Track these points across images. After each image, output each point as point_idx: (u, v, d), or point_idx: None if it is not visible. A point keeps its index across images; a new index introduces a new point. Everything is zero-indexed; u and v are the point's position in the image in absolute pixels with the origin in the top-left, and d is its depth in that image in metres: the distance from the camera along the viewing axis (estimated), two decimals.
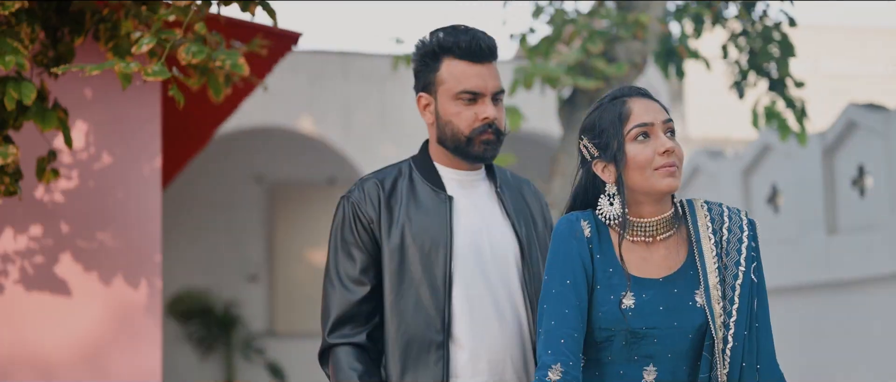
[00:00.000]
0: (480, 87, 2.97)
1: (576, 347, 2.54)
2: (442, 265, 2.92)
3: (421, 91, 3.06)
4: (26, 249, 6.01)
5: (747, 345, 2.59)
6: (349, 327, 2.92)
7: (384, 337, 2.94)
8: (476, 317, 2.93)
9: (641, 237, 2.63)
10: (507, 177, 3.17)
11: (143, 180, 6.27)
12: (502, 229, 3.03)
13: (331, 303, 2.95)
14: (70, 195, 6.10)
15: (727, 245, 2.63)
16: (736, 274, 2.61)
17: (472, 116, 2.98)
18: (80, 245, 6.09)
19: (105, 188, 6.16)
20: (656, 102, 2.66)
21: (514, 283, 3.00)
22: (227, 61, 4.15)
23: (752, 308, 2.62)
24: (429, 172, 3.05)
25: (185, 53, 4.10)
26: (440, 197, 3.00)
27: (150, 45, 4.01)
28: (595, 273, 2.60)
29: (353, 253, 2.96)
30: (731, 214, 2.69)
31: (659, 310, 2.57)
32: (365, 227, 2.97)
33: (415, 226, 2.95)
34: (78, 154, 6.16)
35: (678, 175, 2.58)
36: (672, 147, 2.57)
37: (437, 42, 2.99)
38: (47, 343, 5.98)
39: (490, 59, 3.00)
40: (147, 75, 3.97)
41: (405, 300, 2.92)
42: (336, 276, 2.97)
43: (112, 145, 6.23)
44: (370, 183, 3.04)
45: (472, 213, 3.02)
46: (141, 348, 6.17)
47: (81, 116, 6.17)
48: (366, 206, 2.99)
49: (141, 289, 6.16)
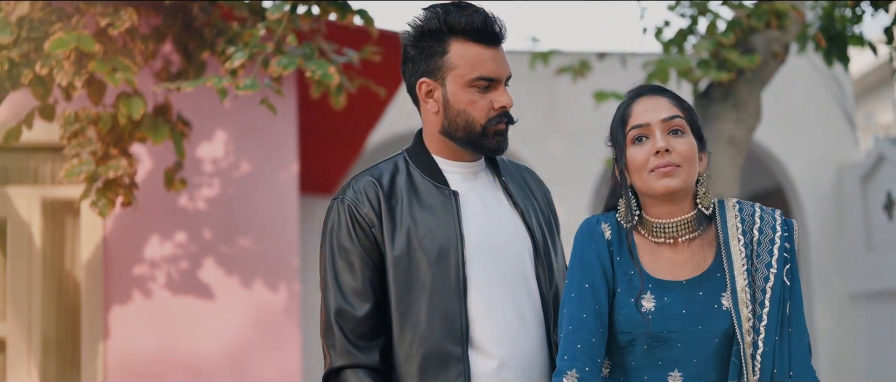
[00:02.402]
0: (496, 72, 2.65)
1: (593, 352, 2.45)
2: (455, 268, 2.60)
3: (422, 76, 2.69)
4: (172, 255, 6.26)
5: (779, 351, 2.43)
6: (356, 346, 2.61)
7: (393, 355, 2.63)
8: (498, 323, 2.63)
9: (662, 239, 2.52)
10: (508, 165, 2.86)
11: (280, 186, 6.44)
12: (512, 223, 2.72)
13: (332, 320, 2.63)
14: (212, 203, 6.32)
15: (758, 247, 2.48)
16: (766, 276, 2.45)
17: (487, 105, 2.65)
18: (221, 251, 6.31)
19: (244, 195, 6.36)
20: (667, 98, 2.54)
21: (532, 280, 2.70)
22: (318, 71, 4.19)
23: (784, 313, 2.46)
24: (428, 166, 2.71)
25: (276, 66, 4.17)
26: (444, 193, 2.67)
27: (241, 60, 4.10)
28: (615, 276, 2.51)
29: (354, 262, 2.63)
30: (763, 214, 2.53)
31: (681, 313, 2.45)
32: (365, 231, 2.64)
33: (421, 228, 2.63)
34: (218, 163, 6.38)
35: (676, 175, 2.46)
36: (664, 147, 2.45)
37: (445, 21, 2.65)
38: (193, 345, 6.22)
39: (502, 41, 2.68)
40: (238, 89, 4.06)
41: (416, 311, 2.60)
42: (337, 289, 2.64)
43: (251, 153, 6.42)
44: (365, 182, 2.69)
45: (480, 207, 2.70)
46: (281, 350, 6.34)
47: (221, 126, 6.38)
48: (364, 207, 2.65)
49: (280, 293, 6.32)
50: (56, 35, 4.44)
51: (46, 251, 6.28)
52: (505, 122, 2.69)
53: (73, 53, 4.47)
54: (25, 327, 6.16)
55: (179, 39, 5.37)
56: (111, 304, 6.18)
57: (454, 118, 2.67)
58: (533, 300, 2.70)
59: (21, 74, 4.58)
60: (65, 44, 4.37)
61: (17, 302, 6.17)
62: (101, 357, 6.12)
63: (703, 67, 5.87)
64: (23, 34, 4.56)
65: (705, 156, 2.56)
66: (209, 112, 6.25)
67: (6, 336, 6.17)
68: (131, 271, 6.22)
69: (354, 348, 2.62)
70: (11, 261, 6.20)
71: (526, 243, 2.73)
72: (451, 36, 2.65)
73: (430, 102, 2.70)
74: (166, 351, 6.21)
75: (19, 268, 6.19)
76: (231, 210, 6.34)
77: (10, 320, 6.17)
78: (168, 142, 6.06)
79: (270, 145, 6.46)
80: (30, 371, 6.14)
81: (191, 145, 6.28)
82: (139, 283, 6.23)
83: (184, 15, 5.33)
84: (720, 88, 6.06)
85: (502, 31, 2.68)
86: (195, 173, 6.33)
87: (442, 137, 2.72)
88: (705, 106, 6.16)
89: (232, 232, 6.33)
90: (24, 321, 6.16)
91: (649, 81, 6.05)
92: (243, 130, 6.42)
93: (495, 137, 2.68)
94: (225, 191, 6.35)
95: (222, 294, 6.28)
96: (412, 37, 2.70)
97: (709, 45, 5.89)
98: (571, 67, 6.63)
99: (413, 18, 2.71)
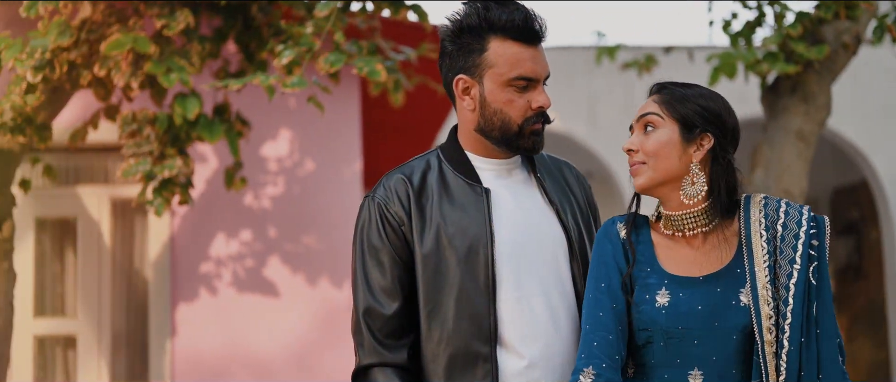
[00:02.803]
0: (536, 72, 2.59)
1: (611, 349, 2.42)
2: (484, 266, 2.57)
3: (460, 73, 2.64)
4: (238, 253, 6.32)
5: (806, 353, 2.35)
6: (384, 345, 2.59)
7: (422, 353, 2.61)
8: (527, 322, 2.58)
9: (672, 231, 2.50)
10: (545, 160, 2.79)
11: (344, 183, 6.46)
12: (546, 220, 2.67)
13: (361, 318, 2.61)
14: (277, 201, 6.37)
15: (781, 243, 2.41)
16: (790, 273, 2.38)
17: (524, 105, 2.60)
18: (286, 249, 6.35)
19: (309, 193, 6.40)
20: (656, 95, 2.52)
21: (566, 278, 2.64)
22: (365, 68, 4.19)
23: (811, 312, 2.38)
24: (461, 163, 2.67)
25: (324, 63, 4.18)
26: (476, 191, 2.63)
27: (289, 58, 4.11)
28: (632, 275, 2.48)
29: (383, 260, 2.61)
30: (789, 210, 2.45)
31: (696, 310, 2.40)
32: (394, 229, 2.61)
33: (450, 226, 2.59)
34: (283, 161, 6.42)
35: (640, 173, 2.48)
36: (626, 147, 2.49)
37: (485, 17, 2.59)
38: (258, 342, 6.27)
39: (542, 40, 2.62)
40: (285, 87, 4.08)
41: (444, 310, 2.57)
42: (366, 287, 2.62)
43: (314, 151, 6.46)
44: (396, 179, 2.66)
45: (512, 205, 2.66)
46: (345, 347, 6.32)
47: (285, 125, 6.43)
48: (393, 205, 2.62)
49: (345, 290, 6.34)
50: (113, 37, 4.50)
51: (115, 249, 6.39)
52: (541, 122, 2.64)
53: (130, 55, 4.53)
54: (95, 324, 6.27)
55: (241, 39, 5.42)
56: (178, 302, 6.26)
57: (490, 117, 2.63)
58: (566, 298, 2.65)
59: (80, 76, 4.66)
60: (121, 45, 4.43)
61: (88, 300, 6.29)
62: (169, 355, 6.20)
63: (769, 59, 5.73)
64: (82, 36, 4.63)
65: (700, 143, 2.47)
66: (273, 111, 6.29)
67: (77, 333, 6.29)
68: (198, 269, 6.29)
69: (382, 346, 2.60)
70: (82, 260, 6.32)
71: (560, 240, 2.68)
72: (491, 33, 2.60)
73: (467, 100, 2.65)
74: (232, 349, 6.28)
75: (89, 267, 6.31)
76: (296, 208, 6.38)
77: (80, 317, 6.29)
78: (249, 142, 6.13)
79: (334, 143, 6.49)
80: (100, 367, 6.25)
81: (255, 144, 6.34)
82: (205, 281, 6.30)
83: (244, 15, 5.37)
84: (788, 80, 5.92)
85: (543, 29, 2.63)
86: (260, 172, 6.38)
87: (477, 134, 2.68)
88: (773, 100, 6.02)
89: (297, 230, 6.37)
90: (94, 318, 6.27)
91: (714, 76, 5.94)
92: (307, 128, 6.45)
93: (531, 137, 2.64)
94: (289, 189, 6.39)
95: (287, 292, 6.32)
96: (450, 32, 2.65)
97: (776, 37, 5.75)
98: (637, 62, 6.54)
99: (452, 13, 2.67)
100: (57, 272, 6.39)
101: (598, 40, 6.96)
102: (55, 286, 6.38)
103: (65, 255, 6.41)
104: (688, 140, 2.46)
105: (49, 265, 6.39)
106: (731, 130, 2.50)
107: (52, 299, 6.38)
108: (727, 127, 2.49)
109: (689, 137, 2.46)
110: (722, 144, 2.47)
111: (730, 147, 2.50)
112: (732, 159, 2.50)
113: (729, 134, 2.49)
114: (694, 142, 2.47)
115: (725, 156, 2.47)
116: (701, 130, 2.46)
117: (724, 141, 2.48)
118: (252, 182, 6.28)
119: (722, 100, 2.52)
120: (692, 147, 2.46)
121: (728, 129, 2.49)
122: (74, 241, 6.36)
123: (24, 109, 4.73)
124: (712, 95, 2.51)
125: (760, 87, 6.07)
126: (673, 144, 2.46)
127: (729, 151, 2.49)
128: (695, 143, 2.47)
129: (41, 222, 6.35)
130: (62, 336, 6.31)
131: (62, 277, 6.40)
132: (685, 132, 2.46)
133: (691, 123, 2.46)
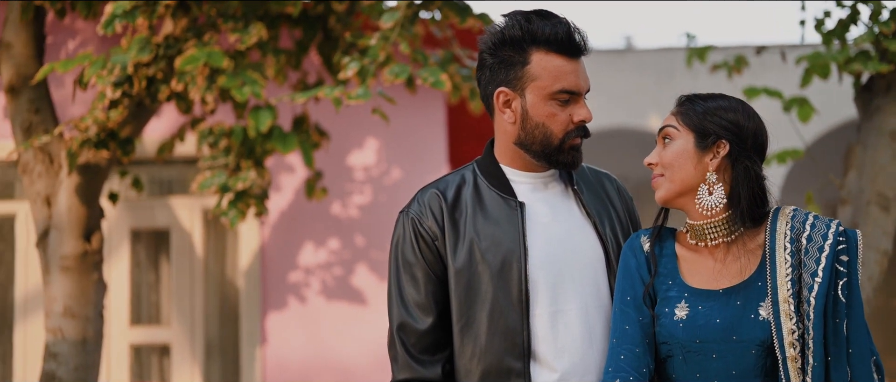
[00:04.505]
0: (578, 86, 2.58)
1: (637, 362, 2.40)
2: (517, 281, 2.54)
3: (501, 86, 2.60)
4: (326, 262, 6.39)
5: (836, 372, 2.27)
6: (419, 360, 2.58)
7: (455, 369, 2.59)
8: (561, 336, 2.55)
9: (695, 241, 2.47)
10: (585, 172, 2.76)
11: None
12: (584, 233, 2.63)
13: (396, 333, 2.61)
14: (364, 210, 6.41)
15: (805, 256, 2.33)
16: (811, 286, 2.30)
17: (566, 118, 2.57)
18: (373, 257, 6.39)
19: (395, 201, 6.42)
20: (677, 106, 2.50)
21: (604, 291, 2.60)
22: (430, 79, 4.19)
23: (836, 327, 2.29)
24: (496, 177, 2.65)
25: (388, 74, 4.19)
26: (510, 205, 2.60)
27: (354, 69, 4.14)
28: (654, 286, 2.46)
29: (417, 275, 2.60)
30: (816, 223, 2.37)
31: (715, 323, 2.35)
32: (428, 244, 2.60)
33: (484, 240, 2.57)
34: (369, 170, 6.46)
35: (659, 185, 2.48)
36: (648, 160, 2.48)
37: (527, 30, 2.56)
38: (345, 349, 6.33)
39: (585, 53, 2.60)
40: (350, 99, 4.10)
41: (477, 325, 2.55)
42: (400, 302, 2.62)
43: (401, 159, 6.48)
44: (430, 194, 2.65)
45: (548, 218, 2.63)
46: None
47: (371, 134, 6.47)
48: (427, 220, 2.61)
49: None
50: (187, 52, 4.59)
51: (208, 259, 6.52)
52: (581, 136, 2.62)
53: (205, 69, 4.61)
54: (189, 332, 6.41)
55: (322, 50, 5.48)
56: (268, 310, 6.36)
57: (532, 130, 2.61)
58: (604, 311, 2.60)
59: (159, 91, 4.76)
60: (195, 60, 4.51)
61: (181, 309, 6.43)
62: (260, 362, 6.30)
63: (862, 58, 5.54)
64: (160, 52, 4.74)
65: (715, 151, 2.42)
66: (359, 121, 6.34)
67: (171, 341, 6.43)
68: (287, 277, 6.38)
69: (416, 362, 2.60)
70: (175, 269, 6.46)
71: (598, 253, 2.63)
72: (533, 45, 2.57)
73: (508, 113, 2.62)
74: (321, 356, 6.34)
75: (182, 276, 6.45)
76: (383, 216, 6.42)
77: (174, 326, 6.44)
78: (319, 151, 6.20)
79: (420, 151, 6.50)
80: (193, 375, 6.38)
81: (341, 154, 6.40)
82: (294, 289, 6.38)
83: (324, 26, 5.43)
84: (883, 80, 5.71)
85: (585, 43, 2.61)
86: (346, 181, 6.44)
87: (516, 147, 2.65)
88: (867, 100, 5.82)
89: (384, 238, 6.40)
90: (187, 326, 6.41)
91: (807, 76, 5.78)
92: (393, 136, 6.48)
93: (571, 152, 2.61)
94: (376, 198, 6.43)
95: (374, 300, 6.36)
96: (491, 44, 2.62)
97: (869, 35, 5.55)
98: (726, 63, 6.39)
99: (492, 25, 2.65)
100: (151, 281, 6.55)
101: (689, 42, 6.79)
102: (150, 296, 6.55)
103: (159, 265, 6.57)
104: (703, 149, 2.42)
105: (144, 274, 6.55)
106: (751, 135, 2.42)
107: (147, 308, 6.54)
108: (745, 133, 2.41)
109: (704, 145, 2.42)
110: (740, 150, 2.40)
111: (752, 154, 2.42)
112: (757, 166, 2.42)
113: (748, 140, 2.42)
114: (709, 150, 2.42)
115: (745, 163, 2.40)
116: (716, 138, 2.41)
117: (743, 147, 2.41)
118: (339, 191, 6.35)
119: (744, 107, 2.46)
120: (708, 155, 2.42)
121: (746, 135, 2.41)
122: (168, 251, 6.51)
123: (107, 124, 4.86)
124: (733, 105, 2.46)
125: (854, 87, 5.87)
126: (688, 153, 2.42)
127: (751, 158, 2.41)
128: (710, 151, 2.42)
129: (136, 233, 6.51)
130: (157, 345, 6.47)
131: (157, 286, 6.55)
132: (700, 141, 2.42)
133: (706, 131, 2.42)
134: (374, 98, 4.55)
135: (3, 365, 6.45)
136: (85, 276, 5.14)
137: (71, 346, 5.09)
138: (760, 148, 2.45)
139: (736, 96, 2.53)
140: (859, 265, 2.34)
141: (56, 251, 5.14)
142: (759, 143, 2.44)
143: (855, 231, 2.37)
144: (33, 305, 6.36)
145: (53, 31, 6.40)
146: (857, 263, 2.34)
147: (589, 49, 2.63)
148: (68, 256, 5.11)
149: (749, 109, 2.47)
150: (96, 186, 5.22)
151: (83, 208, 5.15)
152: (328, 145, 5.75)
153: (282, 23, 5.32)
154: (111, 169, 5.27)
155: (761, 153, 2.45)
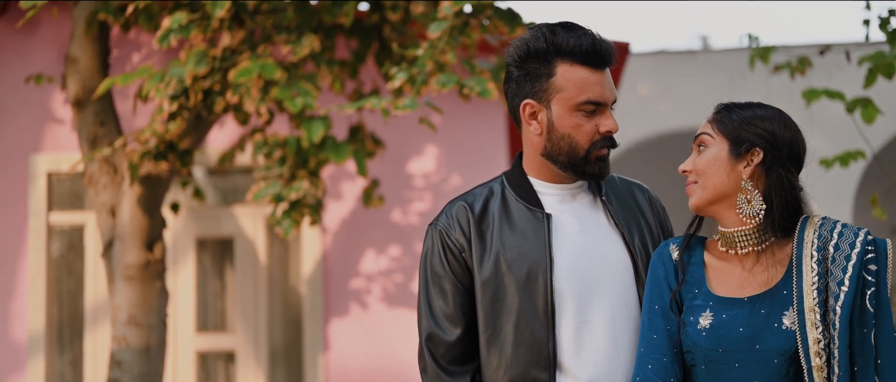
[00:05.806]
0: (604, 96, 2.58)
1: (665, 371, 2.39)
2: (543, 292, 2.55)
3: (527, 98, 2.62)
4: (387, 268, 6.44)
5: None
6: (448, 371, 2.60)
7: (482, 379, 2.60)
8: (586, 348, 2.55)
9: (725, 248, 2.45)
10: (615, 182, 2.76)
11: None
12: (612, 243, 2.64)
13: (425, 344, 2.64)
14: (424, 217, 6.45)
15: (831, 265, 2.29)
16: (837, 295, 2.26)
17: (592, 129, 2.58)
18: None
19: None
20: (717, 114, 2.48)
21: (632, 302, 2.59)
22: (476, 88, 4.21)
23: (863, 338, 2.25)
24: (523, 188, 2.66)
25: (435, 84, 4.22)
26: (537, 216, 2.61)
27: (402, 80, 4.17)
28: (681, 296, 2.44)
29: (445, 287, 2.62)
30: (844, 231, 2.32)
31: (738, 331, 2.32)
32: (455, 256, 2.62)
33: (510, 252, 2.58)
34: (430, 177, 6.50)
35: (692, 192, 2.47)
36: (682, 167, 2.45)
37: (552, 41, 2.57)
38: (407, 357, 6.36)
39: (610, 65, 2.61)
40: (397, 109, 4.14)
41: (503, 336, 2.56)
42: (429, 314, 2.64)
43: (461, 166, 6.51)
44: (457, 207, 2.67)
45: (576, 229, 2.63)
46: None
47: (431, 141, 6.50)
48: (455, 233, 2.63)
49: None
50: (241, 64, 4.66)
51: (271, 266, 6.61)
52: (607, 147, 2.62)
53: (259, 81, 4.68)
54: (253, 339, 6.50)
55: (379, 59, 5.53)
56: (330, 317, 6.42)
57: (558, 142, 2.62)
58: (632, 321, 2.59)
59: (215, 103, 4.85)
60: (248, 72, 4.59)
61: (245, 316, 6.53)
62: (322, 368, 6.37)
63: None
64: (216, 65, 4.82)
65: (749, 159, 2.40)
66: (419, 129, 6.38)
67: (236, 348, 6.54)
68: (348, 285, 6.44)
69: (445, 373, 2.62)
70: (239, 277, 6.56)
71: (626, 263, 2.63)
72: (558, 57, 2.58)
73: (534, 125, 2.63)
74: (382, 363, 6.39)
75: (246, 283, 6.55)
76: None
77: (238, 333, 6.54)
78: (380, 159, 6.25)
79: (481, 158, 6.52)
80: (258, 380, 6.47)
81: (400, 161, 6.44)
82: (356, 296, 6.44)
83: (379, 36, 5.48)
84: None
85: (610, 54, 2.61)
86: (406, 188, 6.48)
87: (543, 159, 2.66)
88: None
89: None
90: (251, 333, 6.51)
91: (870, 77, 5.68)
92: (453, 143, 6.51)
93: (597, 163, 2.62)
94: (437, 204, 6.46)
95: None
96: (517, 57, 2.64)
97: None
98: (789, 64, 6.29)
99: (521, 39, 2.66)
100: (216, 289, 6.66)
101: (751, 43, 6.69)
102: (215, 303, 6.66)
103: (224, 273, 6.68)
104: (737, 156, 2.40)
105: (209, 282, 6.67)
106: (787, 144, 2.39)
107: (213, 315, 6.65)
108: (780, 141, 2.38)
109: (738, 152, 2.40)
110: (774, 158, 2.38)
111: (788, 163, 2.39)
112: (792, 176, 2.39)
113: (783, 149, 2.38)
114: (743, 158, 2.40)
115: (780, 172, 2.37)
116: (750, 146, 2.39)
117: (777, 156, 2.38)
118: (399, 198, 6.39)
119: (781, 116, 2.43)
120: (742, 163, 2.40)
121: (781, 143, 2.38)
122: (232, 259, 6.61)
123: (166, 136, 4.96)
124: (770, 113, 2.43)
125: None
126: (721, 160, 2.40)
127: (785, 167, 2.38)
128: (744, 158, 2.39)
129: (201, 242, 6.63)
130: (223, 352, 6.57)
131: (222, 294, 6.66)
132: (734, 148, 2.40)
133: (740, 138, 2.40)
134: (421, 108, 4.57)
135: (73, 372, 6.61)
136: (148, 285, 5.26)
137: (135, 354, 5.21)
138: (796, 157, 2.42)
139: (774, 106, 2.51)
140: (889, 275, 2.30)
141: (120, 261, 5.27)
142: (794, 152, 2.41)
143: (884, 241, 2.33)
144: (102, 314, 6.51)
145: (118, 45, 6.54)
146: (887, 272, 2.29)
147: (613, 60, 2.62)
148: (131, 265, 5.23)
149: (786, 117, 2.45)
150: (158, 197, 5.33)
151: (145, 219, 5.26)
152: (385, 154, 5.79)
153: (338, 33, 5.38)
154: (172, 180, 5.38)
155: (797, 163, 2.42)
